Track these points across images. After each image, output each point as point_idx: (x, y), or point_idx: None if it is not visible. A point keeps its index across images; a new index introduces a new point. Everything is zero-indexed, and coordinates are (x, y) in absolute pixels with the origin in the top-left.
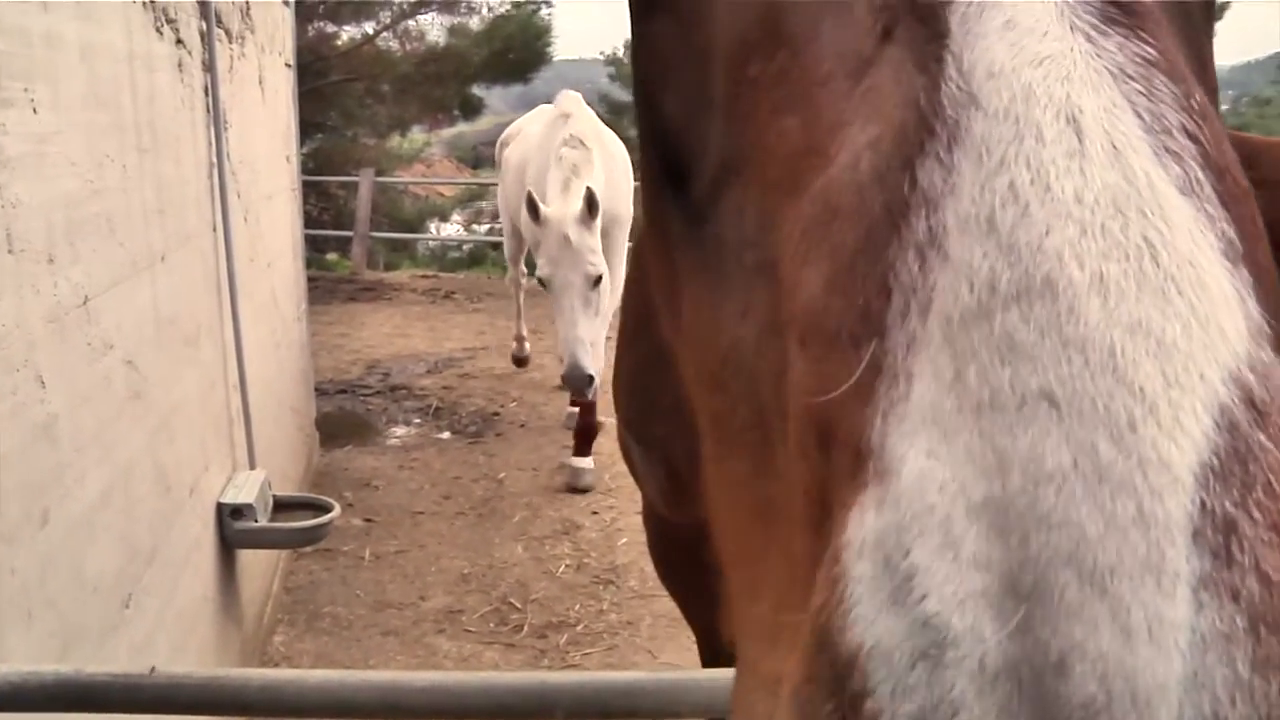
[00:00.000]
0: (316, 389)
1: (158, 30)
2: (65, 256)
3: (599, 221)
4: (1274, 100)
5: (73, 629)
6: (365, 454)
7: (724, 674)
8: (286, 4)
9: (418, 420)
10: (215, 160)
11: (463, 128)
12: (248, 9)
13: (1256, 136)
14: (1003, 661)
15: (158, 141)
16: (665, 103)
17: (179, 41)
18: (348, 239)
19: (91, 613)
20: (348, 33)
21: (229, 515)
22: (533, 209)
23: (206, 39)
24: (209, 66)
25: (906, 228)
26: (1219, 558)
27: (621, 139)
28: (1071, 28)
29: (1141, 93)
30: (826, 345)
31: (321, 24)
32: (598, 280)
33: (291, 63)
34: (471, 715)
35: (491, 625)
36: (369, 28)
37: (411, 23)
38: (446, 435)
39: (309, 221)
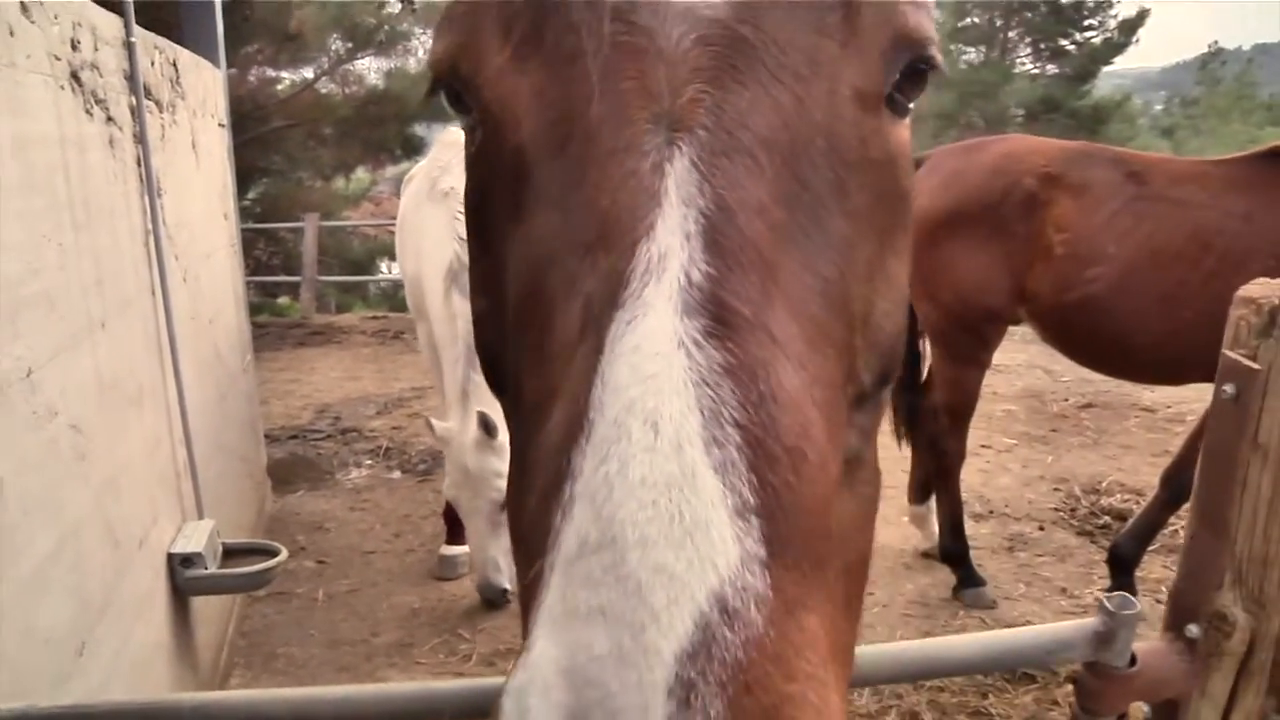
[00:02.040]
0: (268, 436)
1: (87, 112)
2: (7, 333)
3: (503, 439)
4: (1200, 100)
5: (27, 677)
6: (317, 497)
7: None
8: (217, 66)
9: (368, 461)
10: (150, 227)
11: (407, 164)
12: (177, 78)
13: (1147, 155)
14: None
15: (92, 217)
16: (487, 328)
17: (109, 119)
18: (298, 283)
19: (44, 662)
20: (288, 78)
21: (179, 564)
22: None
23: (137, 112)
24: (140, 139)
25: (559, 492)
26: (683, 704)
27: None
28: (679, 344)
29: (710, 396)
30: (525, 558)
31: (261, 70)
32: (504, 506)
33: (225, 122)
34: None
35: (441, 656)
36: (308, 73)
37: (350, 67)
38: (397, 475)
39: (259, 267)
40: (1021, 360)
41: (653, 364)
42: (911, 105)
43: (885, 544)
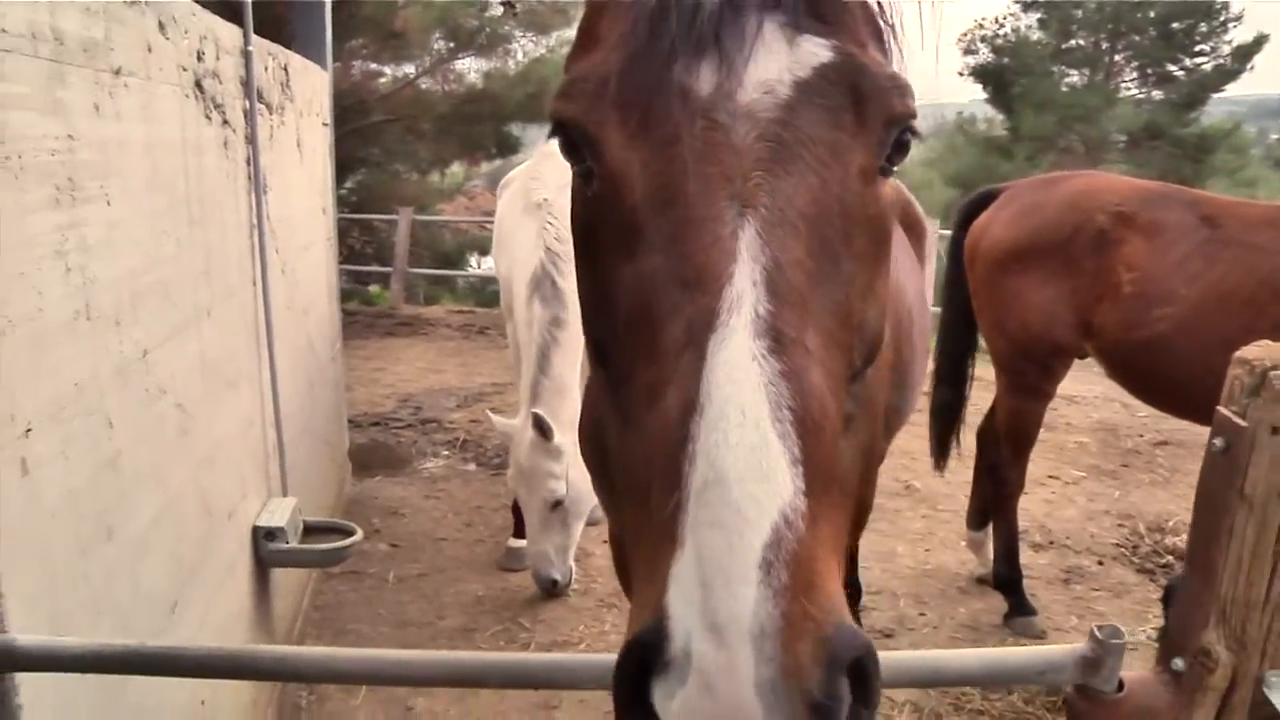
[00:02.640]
0: (351, 421)
1: (207, 117)
2: (129, 319)
3: (558, 441)
4: None
5: (131, 626)
6: (394, 483)
7: None
8: (324, 67)
9: (445, 452)
10: (255, 222)
11: (500, 162)
12: (287, 81)
13: (1223, 198)
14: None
15: (205, 213)
16: (598, 326)
17: (225, 122)
18: (389, 274)
19: (145, 615)
20: (390, 73)
21: (263, 537)
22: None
23: (249, 116)
24: (251, 140)
25: (684, 449)
26: (764, 571)
27: None
28: (753, 357)
29: (774, 391)
30: (634, 488)
31: (365, 64)
32: (556, 504)
33: (328, 121)
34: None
35: (501, 643)
36: (410, 69)
37: (450, 66)
38: (471, 467)
39: (352, 255)
40: (1099, 393)
41: (739, 371)
42: (896, 168)
43: (941, 566)
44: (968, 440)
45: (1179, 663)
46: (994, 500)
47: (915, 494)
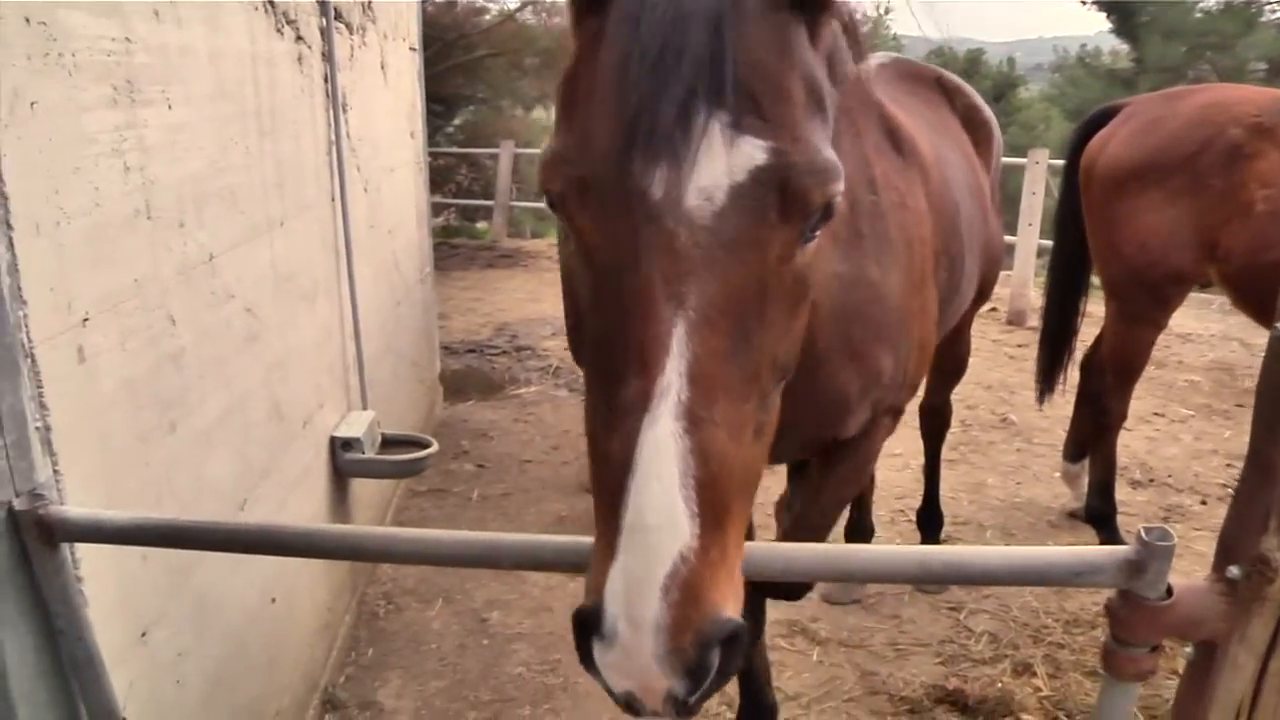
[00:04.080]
0: (447, 348)
1: (278, 31)
2: (193, 222)
3: None
4: None
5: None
6: (486, 408)
7: None
8: None
9: (538, 378)
10: (334, 139)
11: None
12: (369, 4)
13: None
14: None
15: (277, 125)
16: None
17: (299, 38)
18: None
19: (211, 509)
20: (494, 7)
21: (340, 447)
22: None
23: (326, 34)
24: (328, 57)
25: (622, 495)
26: (664, 593)
27: None
28: (673, 435)
29: (683, 461)
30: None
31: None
32: None
33: (417, 47)
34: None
35: None
36: (512, 3)
37: None
38: (563, 393)
39: (460, 191)
40: (1217, 331)
41: (660, 447)
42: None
43: (1032, 499)
44: (1072, 376)
45: (1235, 570)
46: (1093, 431)
47: (1011, 427)
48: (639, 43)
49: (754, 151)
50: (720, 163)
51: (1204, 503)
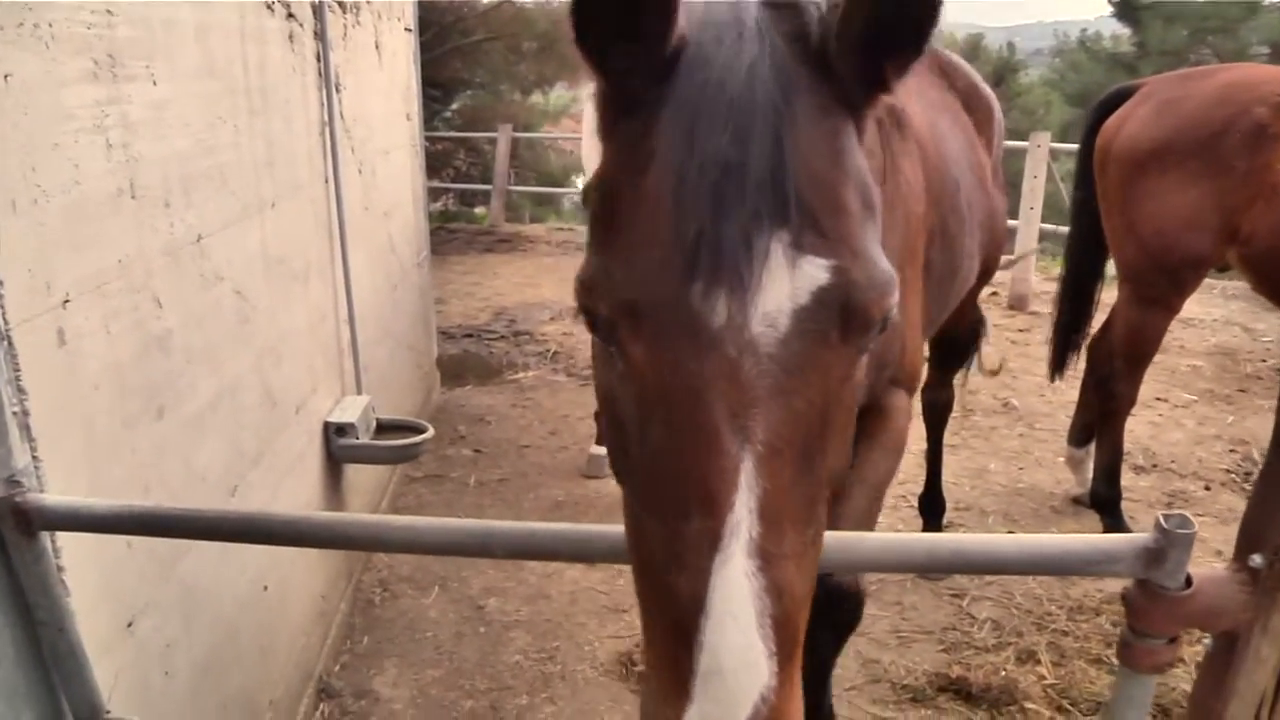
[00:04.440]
0: (445, 333)
1: (269, 7)
2: (180, 202)
3: None
4: None
5: (185, 504)
6: (483, 392)
7: None
8: None
9: (536, 363)
10: (326, 119)
11: None
12: None
13: None
14: None
15: (268, 104)
16: (613, 441)
17: (290, 16)
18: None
19: (201, 496)
20: None
21: (334, 432)
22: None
23: (318, 11)
24: (320, 36)
25: (694, 639)
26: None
27: None
28: (746, 574)
29: (759, 600)
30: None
31: None
32: None
33: (412, 27)
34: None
35: None
36: None
37: None
38: (562, 377)
39: (458, 176)
40: (1219, 316)
41: (735, 588)
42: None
43: (1035, 485)
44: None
45: (1257, 559)
46: (1101, 415)
47: (1013, 412)
48: (695, 158)
49: (816, 272)
50: (784, 286)
51: (1207, 488)
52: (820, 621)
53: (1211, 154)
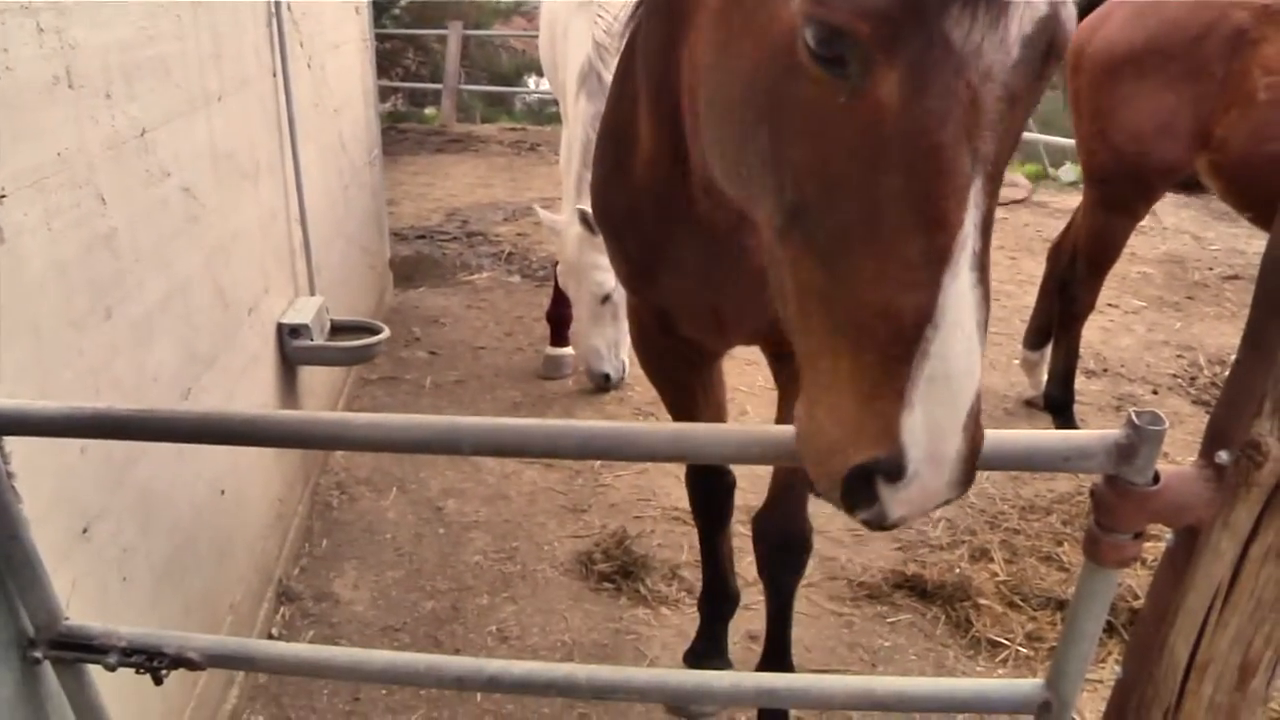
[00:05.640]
0: (397, 234)
1: None
2: (122, 94)
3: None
4: None
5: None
6: (437, 294)
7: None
8: None
9: (490, 264)
10: (274, 10)
11: None
12: None
13: None
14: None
15: None
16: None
17: None
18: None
19: (154, 398)
20: None
21: (288, 334)
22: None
23: None
24: None
25: (917, 346)
26: (965, 428)
27: None
28: (971, 285)
29: (979, 308)
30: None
31: None
32: (605, 298)
33: None
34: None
35: None
36: None
37: None
38: (516, 279)
39: (407, 75)
40: (1170, 224)
41: (963, 299)
42: None
43: (987, 387)
44: (1026, 265)
45: (1224, 455)
46: (1060, 319)
47: None
48: None
49: (1040, 2)
50: (1019, 15)
51: (1155, 392)
52: (783, 567)
53: (1191, 58)
